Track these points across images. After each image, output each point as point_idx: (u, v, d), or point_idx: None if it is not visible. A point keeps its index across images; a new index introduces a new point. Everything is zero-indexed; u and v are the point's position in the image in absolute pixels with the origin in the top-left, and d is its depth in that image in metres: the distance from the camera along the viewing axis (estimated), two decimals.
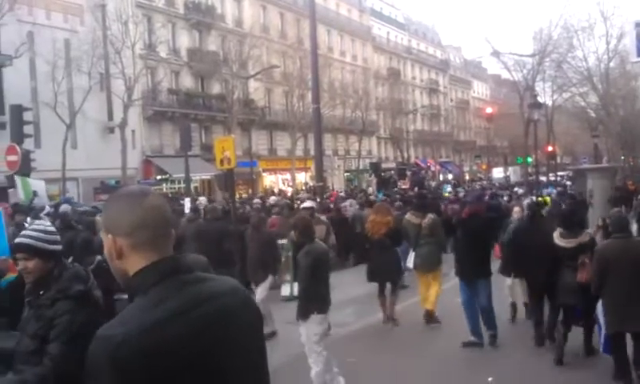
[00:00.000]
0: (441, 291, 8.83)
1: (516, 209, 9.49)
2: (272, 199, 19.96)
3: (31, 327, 2.73)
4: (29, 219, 9.69)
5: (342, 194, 26.68)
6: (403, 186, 31.17)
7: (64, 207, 12.04)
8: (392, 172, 41.23)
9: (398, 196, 18.96)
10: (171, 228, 1.65)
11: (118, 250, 1.56)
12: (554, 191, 23.69)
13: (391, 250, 8.96)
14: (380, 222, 8.92)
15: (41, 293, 2.79)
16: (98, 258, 5.22)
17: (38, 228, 2.96)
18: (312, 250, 5.74)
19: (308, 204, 11.84)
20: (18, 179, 13.97)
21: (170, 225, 1.65)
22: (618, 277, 5.67)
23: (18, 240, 2.98)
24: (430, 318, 8.54)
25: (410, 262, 9.31)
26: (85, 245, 5.58)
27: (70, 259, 5.45)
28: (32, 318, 2.78)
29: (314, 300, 5.64)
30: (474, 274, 7.39)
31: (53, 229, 3.02)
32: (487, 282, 7.42)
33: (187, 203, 14.63)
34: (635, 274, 5.61)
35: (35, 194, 13.55)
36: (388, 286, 9.03)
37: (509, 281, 8.46)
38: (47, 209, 12.60)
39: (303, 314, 5.69)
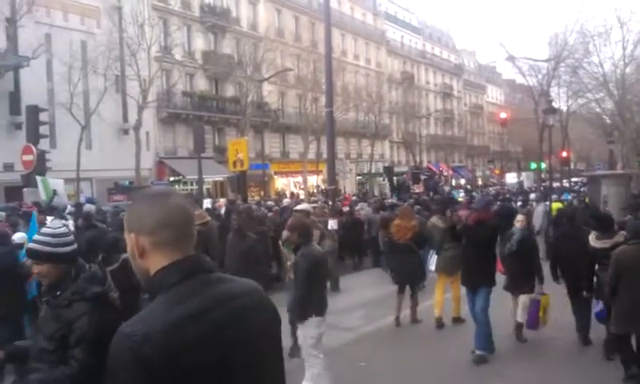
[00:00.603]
0: (460, 294, 8.94)
1: (519, 217, 8.41)
2: (285, 202, 20.05)
3: (49, 327, 2.75)
4: (49, 219, 9.91)
5: (355, 197, 26.66)
6: (417, 191, 31.22)
7: (88, 207, 12.32)
8: (404, 176, 41.19)
9: (412, 200, 19.00)
10: (193, 228, 1.68)
11: (140, 249, 1.59)
12: (569, 197, 23.61)
13: (415, 253, 9.23)
14: (405, 226, 9.16)
15: (57, 293, 2.81)
16: (124, 255, 5.32)
17: (47, 231, 2.95)
18: (308, 253, 5.70)
19: (303, 206, 11.76)
20: (39, 179, 14.17)
21: (193, 225, 1.68)
22: (631, 282, 5.81)
23: (27, 246, 3.01)
24: (457, 320, 8.90)
25: (433, 264, 9.45)
26: (114, 243, 5.68)
27: (101, 257, 5.57)
28: (50, 318, 2.80)
29: (311, 302, 5.60)
30: (477, 282, 7.26)
31: (63, 230, 2.99)
32: (487, 291, 7.20)
33: (207, 204, 14.78)
34: None
35: (55, 192, 13.76)
36: (407, 287, 9.25)
37: (523, 297, 7.83)
38: (69, 208, 12.85)
39: (300, 317, 5.68)
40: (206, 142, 30.29)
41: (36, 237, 3.00)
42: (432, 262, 9.61)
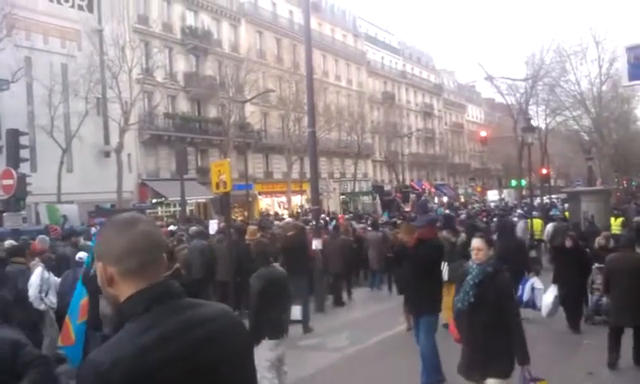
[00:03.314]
0: None
1: (475, 242, 4.89)
2: (288, 220, 20.22)
3: None
4: (81, 239, 10.17)
5: (347, 217, 26.77)
6: (406, 209, 31.96)
7: None
8: (395, 195, 41.83)
9: (399, 218, 19.48)
10: (160, 254, 1.66)
11: (109, 278, 1.58)
12: (559, 213, 24.03)
13: None
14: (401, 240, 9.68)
15: None
16: (177, 264, 5.48)
17: None
18: (264, 274, 5.63)
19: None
20: (42, 206, 14.27)
21: (159, 251, 1.66)
22: (619, 282, 6.98)
23: None
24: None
25: (445, 274, 9.75)
26: None
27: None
28: None
29: (264, 325, 5.46)
30: (420, 309, 6.66)
31: None
32: (431, 321, 6.54)
33: (213, 225, 14.61)
34: (633, 279, 6.86)
35: (65, 218, 13.84)
36: None
37: None
38: (93, 230, 13.20)
39: (254, 339, 5.57)
40: (189, 163, 30.22)
41: None
42: (444, 272, 9.97)
